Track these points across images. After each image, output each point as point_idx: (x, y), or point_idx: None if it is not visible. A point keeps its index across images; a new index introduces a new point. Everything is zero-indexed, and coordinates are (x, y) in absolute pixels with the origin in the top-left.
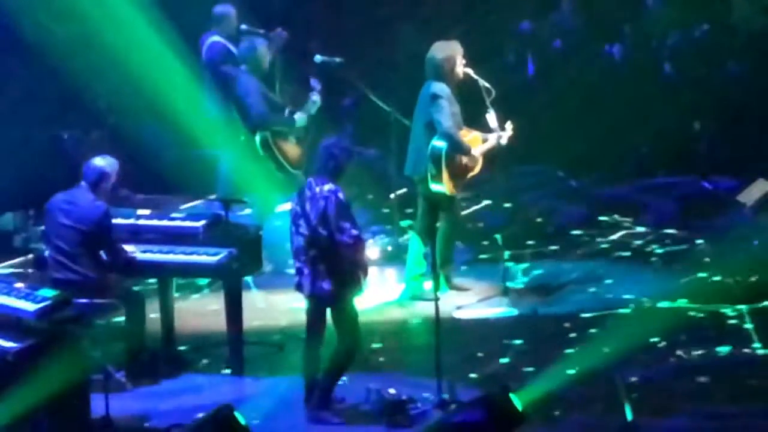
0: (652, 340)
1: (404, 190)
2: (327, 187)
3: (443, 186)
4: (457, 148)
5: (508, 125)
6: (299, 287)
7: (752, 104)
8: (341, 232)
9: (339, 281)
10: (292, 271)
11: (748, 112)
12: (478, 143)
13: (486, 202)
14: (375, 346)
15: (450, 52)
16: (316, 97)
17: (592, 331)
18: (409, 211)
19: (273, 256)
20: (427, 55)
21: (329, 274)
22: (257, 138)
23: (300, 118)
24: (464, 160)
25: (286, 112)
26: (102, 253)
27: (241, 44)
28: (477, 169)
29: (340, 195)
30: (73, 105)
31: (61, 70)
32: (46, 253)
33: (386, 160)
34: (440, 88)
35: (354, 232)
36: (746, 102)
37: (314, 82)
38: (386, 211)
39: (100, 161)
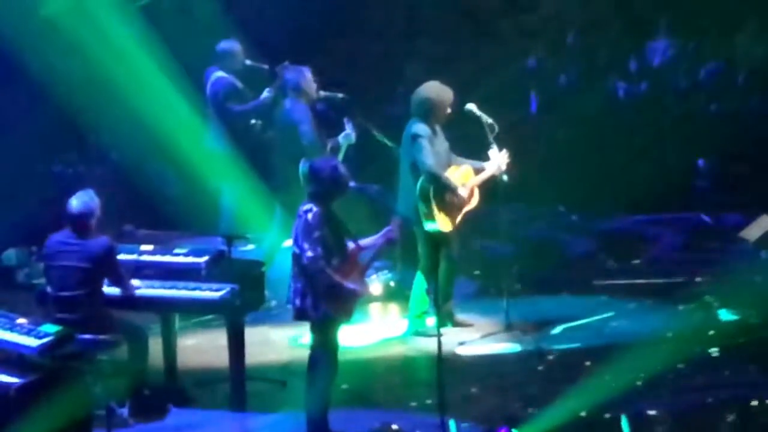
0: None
1: None
2: (305, 207)
3: (437, 224)
4: (441, 186)
5: (503, 154)
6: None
7: (756, 140)
8: (301, 250)
9: (315, 302)
10: None
11: (751, 148)
12: (469, 177)
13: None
14: (377, 382)
15: (437, 95)
16: (351, 136)
17: (595, 366)
18: None
19: (277, 292)
20: (416, 91)
21: (306, 293)
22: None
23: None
24: (454, 197)
25: (328, 145)
26: (109, 285)
27: (287, 73)
28: (473, 203)
29: (310, 216)
30: (76, 140)
31: (64, 106)
32: (48, 289)
33: (389, 196)
34: (420, 128)
35: (309, 254)
36: (749, 138)
37: (347, 122)
38: None
39: (77, 203)
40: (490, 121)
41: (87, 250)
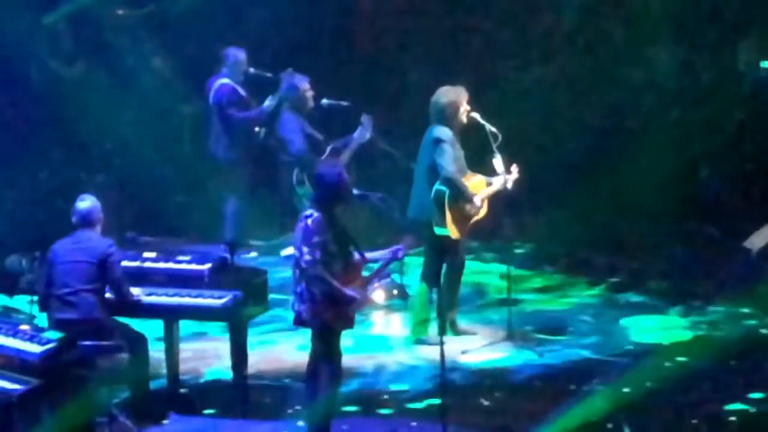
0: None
1: None
2: (307, 212)
3: (447, 230)
4: (458, 193)
5: (514, 168)
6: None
7: (758, 150)
8: (301, 255)
9: (314, 308)
10: None
11: (754, 157)
12: (481, 188)
13: None
14: (380, 390)
15: (454, 97)
16: (365, 133)
17: (598, 377)
18: None
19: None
20: (432, 99)
21: (306, 298)
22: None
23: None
24: (467, 205)
25: (328, 149)
26: (109, 291)
27: (282, 82)
28: (482, 214)
29: (310, 221)
30: (79, 147)
31: (67, 113)
32: (51, 291)
33: (392, 204)
34: (443, 132)
35: (307, 257)
36: (753, 148)
37: (364, 118)
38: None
39: (89, 204)
40: (493, 129)
41: (92, 247)
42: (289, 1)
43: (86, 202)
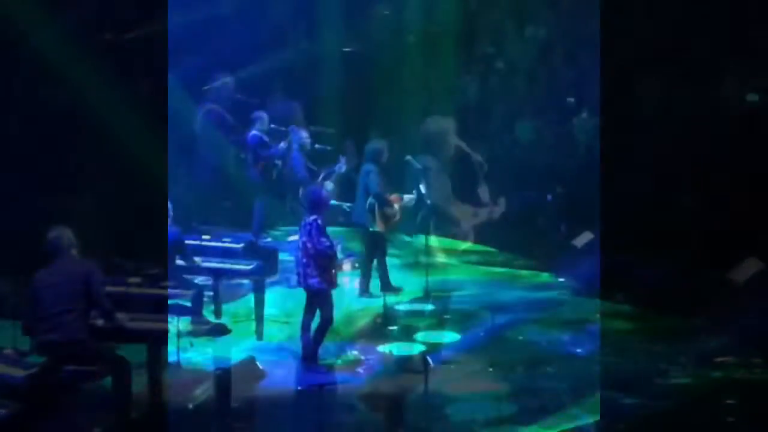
0: None
1: None
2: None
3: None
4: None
5: (501, 200)
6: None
7: (740, 180)
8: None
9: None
10: None
11: (736, 188)
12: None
13: None
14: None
15: (444, 126)
16: (342, 167)
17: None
18: None
19: None
20: (421, 128)
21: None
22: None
23: (327, 183)
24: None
25: (320, 176)
26: (92, 310)
27: (292, 133)
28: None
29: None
30: (67, 170)
31: (56, 136)
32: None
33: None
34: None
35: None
36: (734, 178)
37: (341, 156)
38: None
39: (56, 232)
40: (479, 158)
41: (73, 269)
42: (284, 29)
43: (54, 232)
